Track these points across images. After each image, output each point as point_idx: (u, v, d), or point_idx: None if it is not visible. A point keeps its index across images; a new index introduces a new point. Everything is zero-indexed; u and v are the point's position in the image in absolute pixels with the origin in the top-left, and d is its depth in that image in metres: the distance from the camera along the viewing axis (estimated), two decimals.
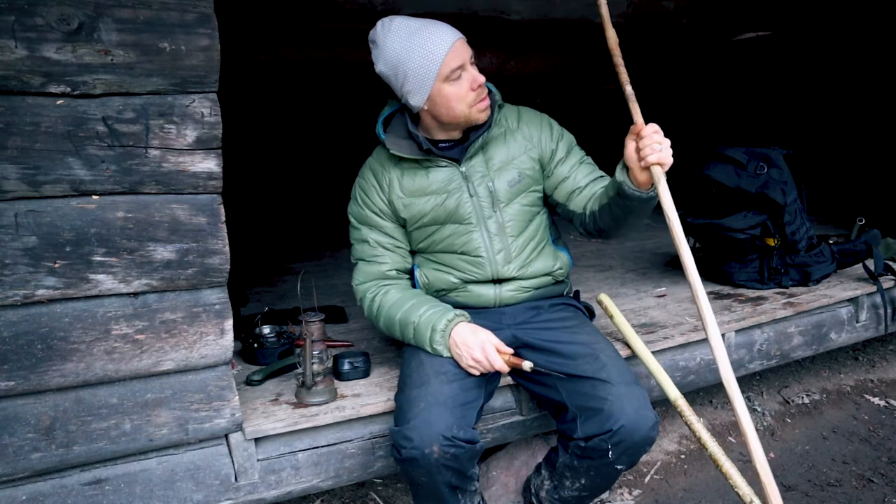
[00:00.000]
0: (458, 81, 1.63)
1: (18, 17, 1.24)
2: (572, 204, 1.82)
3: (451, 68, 1.60)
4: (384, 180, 1.80)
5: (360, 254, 1.85)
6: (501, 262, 1.81)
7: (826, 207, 3.65)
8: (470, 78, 1.64)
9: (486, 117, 1.72)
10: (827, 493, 2.08)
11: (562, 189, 1.83)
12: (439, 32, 1.61)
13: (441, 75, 1.61)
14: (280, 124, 4.92)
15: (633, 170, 1.55)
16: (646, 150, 1.50)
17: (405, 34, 1.60)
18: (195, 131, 1.41)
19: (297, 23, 3.47)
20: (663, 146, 1.51)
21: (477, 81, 1.64)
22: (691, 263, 1.53)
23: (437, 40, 1.59)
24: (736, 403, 1.47)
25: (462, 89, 1.64)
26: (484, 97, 1.68)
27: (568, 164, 1.83)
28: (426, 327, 1.68)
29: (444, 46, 1.59)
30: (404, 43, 1.60)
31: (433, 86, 1.62)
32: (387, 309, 1.77)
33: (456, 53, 1.61)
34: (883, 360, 2.99)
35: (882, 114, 3.63)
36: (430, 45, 1.59)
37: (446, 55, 1.59)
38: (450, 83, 1.62)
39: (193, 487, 1.61)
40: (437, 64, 1.59)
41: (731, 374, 1.49)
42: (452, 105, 1.65)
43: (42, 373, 1.41)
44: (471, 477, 1.60)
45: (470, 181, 1.77)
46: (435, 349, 1.68)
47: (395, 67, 1.63)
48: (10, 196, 1.32)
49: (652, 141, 1.50)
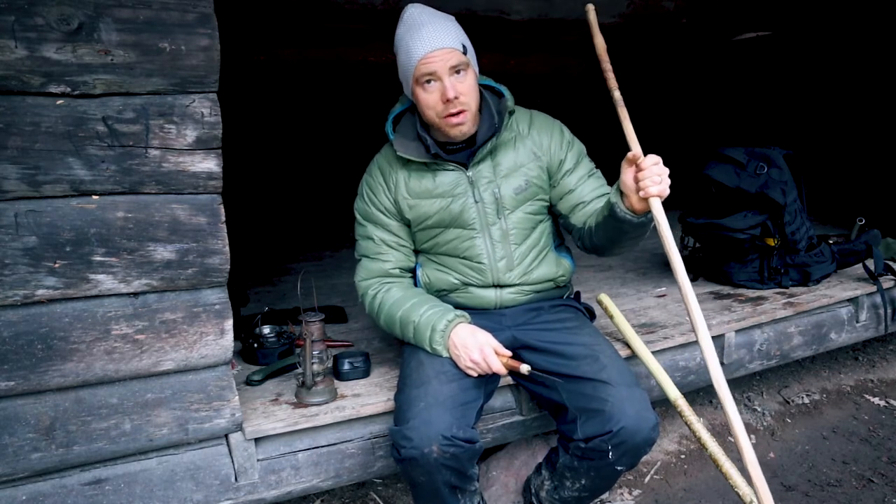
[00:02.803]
0: (429, 89, 1.63)
1: (18, 17, 1.24)
2: (574, 218, 1.81)
3: (422, 73, 1.61)
4: (391, 180, 1.80)
5: (364, 251, 1.85)
6: (503, 270, 1.80)
7: (826, 207, 3.65)
8: (441, 89, 1.62)
9: (458, 133, 1.69)
10: (827, 493, 2.08)
11: (566, 201, 1.82)
12: (426, 35, 1.60)
13: (414, 77, 1.63)
14: (280, 124, 4.92)
15: (629, 196, 1.55)
16: (646, 182, 1.50)
17: (404, 28, 1.65)
18: (195, 131, 1.41)
19: (298, 23, 3.47)
20: (663, 178, 1.50)
21: (447, 94, 1.60)
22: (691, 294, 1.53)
23: (418, 44, 1.60)
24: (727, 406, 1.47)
25: (431, 98, 1.64)
26: (456, 111, 1.64)
27: (575, 176, 1.81)
28: (426, 327, 1.68)
29: (421, 52, 1.60)
30: (401, 36, 1.65)
31: (411, 85, 1.66)
32: (388, 307, 1.77)
33: (430, 61, 1.59)
34: (883, 360, 2.99)
35: (882, 114, 3.63)
36: (412, 46, 1.61)
37: (419, 60, 1.60)
38: (421, 88, 1.64)
39: (193, 487, 1.61)
40: (412, 66, 1.62)
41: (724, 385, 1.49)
42: (423, 110, 1.68)
43: (42, 373, 1.41)
44: (470, 477, 1.59)
45: (476, 186, 1.77)
46: (434, 349, 1.68)
47: (396, 55, 1.68)
48: (10, 196, 1.32)
49: (653, 173, 1.49)
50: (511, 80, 2.02)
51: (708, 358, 1.50)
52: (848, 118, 3.89)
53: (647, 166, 1.50)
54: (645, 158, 1.51)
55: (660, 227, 1.54)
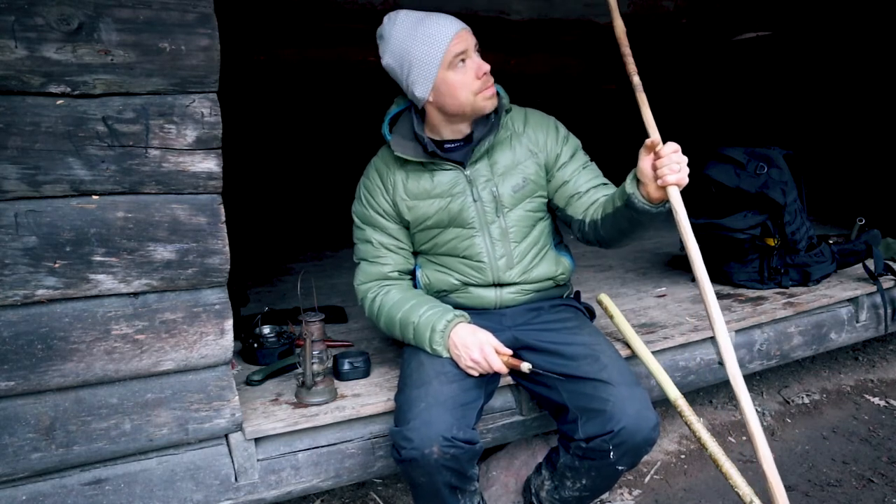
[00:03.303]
0: (463, 69, 1.63)
1: (18, 17, 1.24)
2: (571, 209, 1.80)
3: (455, 54, 1.61)
4: (389, 182, 1.80)
5: (363, 254, 1.85)
6: (503, 268, 1.80)
7: (826, 207, 3.65)
8: (475, 66, 1.64)
9: (492, 105, 1.70)
10: (827, 493, 2.08)
11: (562, 193, 1.82)
12: (443, 21, 1.62)
13: (445, 62, 1.62)
14: (280, 124, 4.92)
15: (646, 184, 1.53)
16: (664, 170, 1.48)
17: (410, 24, 1.63)
18: (195, 131, 1.41)
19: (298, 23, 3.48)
20: (681, 166, 1.49)
21: (482, 69, 1.64)
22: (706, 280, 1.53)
23: (440, 28, 1.60)
24: (743, 403, 1.47)
25: (467, 76, 1.64)
26: (490, 85, 1.67)
27: (570, 168, 1.81)
28: (426, 327, 1.68)
29: (449, 34, 1.60)
30: (409, 32, 1.62)
31: (437, 74, 1.63)
32: (387, 309, 1.77)
33: (459, 40, 1.61)
34: (883, 360, 2.99)
35: (882, 114, 3.63)
36: (434, 32, 1.60)
37: (450, 42, 1.60)
38: (454, 70, 1.63)
39: (193, 487, 1.61)
40: (440, 51, 1.60)
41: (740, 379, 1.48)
42: (457, 93, 1.65)
43: (42, 373, 1.41)
44: (470, 477, 1.59)
45: (474, 185, 1.77)
46: (434, 349, 1.68)
47: (400, 58, 1.65)
48: (10, 196, 1.32)
49: (671, 161, 1.48)
50: (511, 79, 2.02)
51: (725, 353, 1.49)
52: (848, 118, 3.89)
53: (665, 154, 1.48)
54: (664, 146, 1.50)
55: (678, 217, 1.51)
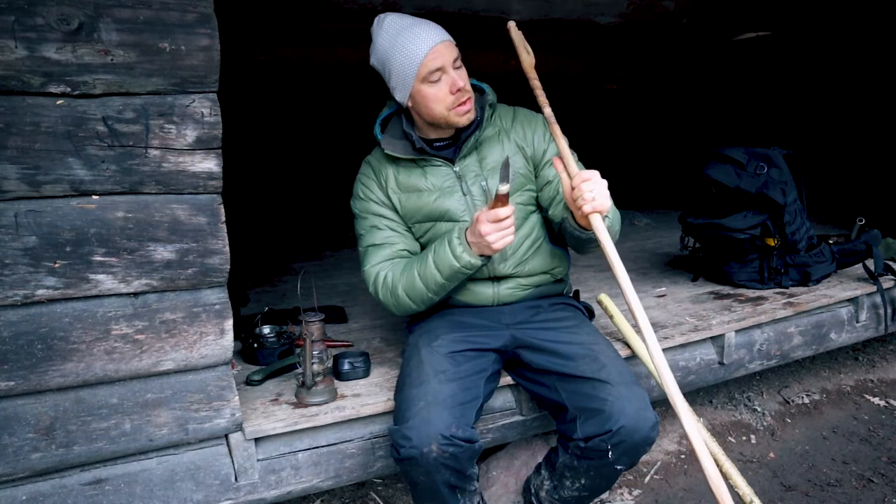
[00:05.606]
0: (437, 83, 1.64)
1: (18, 17, 1.24)
2: (551, 212, 1.80)
3: (430, 69, 1.62)
4: (381, 176, 1.82)
5: (371, 240, 1.83)
6: (497, 260, 1.80)
7: (826, 207, 3.65)
8: (450, 81, 1.64)
9: (466, 121, 1.71)
10: (827, 493, 2.08)
11: (544, 193, 1.82)
12: (423, 33, 1.62)
13: (420, 76, 1.63)
14: (280, 124, 4.93)
15: (574, 212, 1.55)
16: (579, 202, 1.49)
17: (392, 32, 1.64)
18: (195, 131, 1.41)
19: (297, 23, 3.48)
20: (595, 194, 1.48)
21: (456, 85, 1.64)
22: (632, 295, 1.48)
23: (418, 41, 1.61)
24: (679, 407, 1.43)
25: (441, 91, 1.64)
26: (464, 101, 1.67)
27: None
28: (444, 252, 1.66)
29: (425, 48, 1.60)
30: (391, 41, 1.63)
31: (413, 85, 1.65)
32: (399, 273, 1.75)
33: (436, 55, 1.61)
34: (883, 360, 2.99)
35: (882, 114, 3.63)
36: (412, 45, 1.61)
37: (425, 57, 1.61)
38: (428, 84, 1.64)
39: (193, 487, 1.61)
40: (416, 64, 1.61)
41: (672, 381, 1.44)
42: (430, 106, 1.67)
43: (42, 373, 1.41)
44: (470, 476, 1.59)
45: (464, 180, 1.78)
46: (462, 259, 1.64)
47: (382, 63, 1.68)
48: (10, 196, 1.32)
49: (582, 192, 1.48)
50: (511, 79, 2.02)
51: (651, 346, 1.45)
52: (848, 118, 3.89)
53: (576, 184, 1.50)
54: (576, 175, 1.51)
55: (601, 244, 1.51)
